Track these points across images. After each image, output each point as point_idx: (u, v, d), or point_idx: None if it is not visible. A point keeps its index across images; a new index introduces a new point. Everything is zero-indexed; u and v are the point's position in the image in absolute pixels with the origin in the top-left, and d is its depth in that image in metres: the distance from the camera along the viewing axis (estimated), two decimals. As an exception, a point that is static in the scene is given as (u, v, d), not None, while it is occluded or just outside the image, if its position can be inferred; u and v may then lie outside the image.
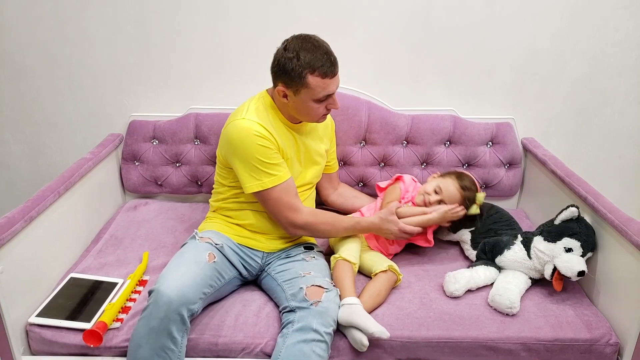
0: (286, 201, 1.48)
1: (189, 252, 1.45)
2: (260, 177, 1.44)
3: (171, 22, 1.94)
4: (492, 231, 1.74)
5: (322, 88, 1.42)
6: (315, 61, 1.39)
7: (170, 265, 1.40)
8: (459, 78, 2.02)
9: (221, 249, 1.49)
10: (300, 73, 1.39)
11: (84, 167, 1.74)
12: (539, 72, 2.01)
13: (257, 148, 1.42)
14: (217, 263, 1.44)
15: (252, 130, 1.42)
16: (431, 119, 1.98)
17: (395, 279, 1.55)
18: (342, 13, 1.93)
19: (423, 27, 1.94)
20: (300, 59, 1.39)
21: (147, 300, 1.30)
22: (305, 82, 1.41)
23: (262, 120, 1.46)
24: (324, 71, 1.40)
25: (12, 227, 1.34)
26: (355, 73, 1.98)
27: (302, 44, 1.41)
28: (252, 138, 1.42)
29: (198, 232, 1.55)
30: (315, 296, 1.36)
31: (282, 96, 1.46)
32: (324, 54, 1.41)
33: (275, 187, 1.46)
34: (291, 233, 1.56)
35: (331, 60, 1.42)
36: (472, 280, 1.56)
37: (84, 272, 1.61)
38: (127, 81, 2.03)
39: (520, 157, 2.04)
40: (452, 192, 1.68)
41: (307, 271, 1.47)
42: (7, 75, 2.03)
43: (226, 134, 1.48)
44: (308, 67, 1.39)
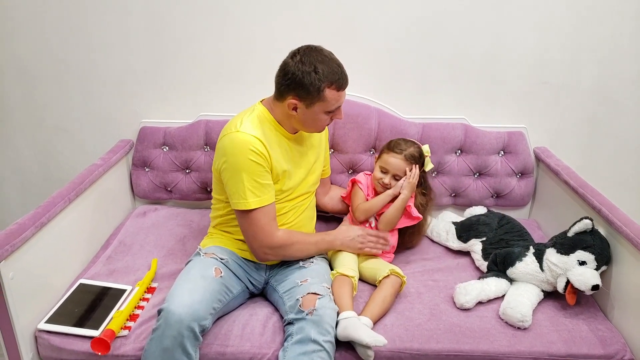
0: (264, 224, 1.44)
1: (195, 268, 1.44)
2: (246, 195, 1.40)
3: (181, 28, 1.94)
4: (503, 242, 1.73)
5: (336, 100, 1.43)
6: (333, 75, 1.40)
7: (178, 283, 1.39)
8: (470, 86, 2.00)
9: (227, 263, 1.48)
10: (318, 87, 1.39)
11: (94, 173, 1.74)
12: (550, 80, 1.99)
13: (249, 164, 1.39)
14: (224, 278, 1.43)
15: (248, 144, 1.39)
16: (442, 127, 1.97)
17: (399, 283, 1.54)
18: (352, 20, 1.92)
19: (434, 35, 1.93)
20: (318, 73, 1.38)
21: (157, 320, 1.29)
22: (322, 96, 1.40)
23: (258, 133, 1.43)
24: (340, 84, 1.42)
25: (23, 233, 1.34)
26: (365, 80, 1.97)
27: (317, 56, 1.40)
28: (247, 153, 1.39)
29: (202, 248, 1.55)
30: (309, 304, 1.36)
31: (292, 109, 1.44)
32: (337, 66, 1.42)
33: (258, 209, 1.43)
34: (260, 258, 1.50)
35: (344, 72, 1.44)
36: (483, 292, 1.54)
37: (93, 278, 1.61)
38: (137, 87, 2.04)
39: (532, 166, 2.01)
40: (396, 162, 1.67)
41: (304, 278, 1.47)
42: (19, 81, 2.05)
43: (221, 146, 1.44)
44: (326, 80, 1.39)
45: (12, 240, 1.29)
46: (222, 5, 1.91)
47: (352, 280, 1.52)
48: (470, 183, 2.02)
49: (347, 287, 1.50)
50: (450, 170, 2.00)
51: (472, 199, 2.04)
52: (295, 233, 1.56)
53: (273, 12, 1.91)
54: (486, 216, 1.88)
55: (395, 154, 1.68)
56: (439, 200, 2.04)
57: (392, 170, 1.68)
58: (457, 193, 2.05)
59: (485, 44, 1.94)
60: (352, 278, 1.53)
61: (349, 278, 1.52)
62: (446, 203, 2.07)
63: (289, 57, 1.43)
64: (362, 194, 1.74)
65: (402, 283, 1.55)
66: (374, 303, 1.47)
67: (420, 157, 1.72)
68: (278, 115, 1.49)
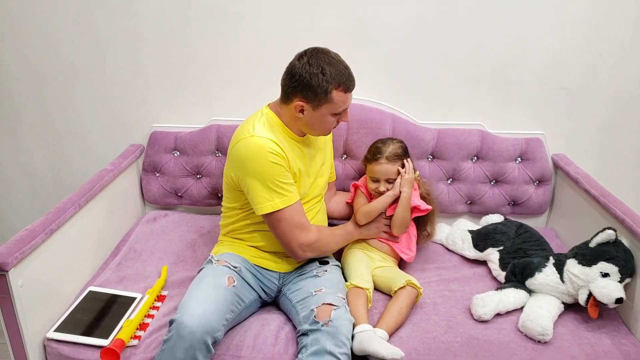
0: (297, 221, 1.44)
1: (208, 276, 1.41)
2: (272, 197, 1.40)
3: (194, 32, 1.92)
4: (521, 251, 1.68)
5: (343, 102, 1.43)
6: (340, 76, 1.39)
7: (190, 292, 1.35)
8: (487, 91, 1.96)
9: (239, 272, 1.45)
10: (326, 89, 1.38)
11: (104, 178, 1.72)
12: (569, 86, 1.95)
13: (270, 166, 1.38)
14: (236, 287, 1.40)
15: (265, 147, 1.38)
16: (458, 134, 1.93)
17: (415, 294, 1.51)
18: (366, 23, 1.89)
19: (450, 38, 1.90)
20: (326, 74, 1.37)
21: (168, 331, 1.26)
22: (330, 97, 1.40)
23: (272, 136, 1.42)
24: (347, 86, 1.42)
25: (33, 239, 1.32)
26: (379, 85, 1.94)
27: (324, 58, 1.40)
28: (265, 155, 1.37)
29: (214, 256, 1.51)
30: (325, 315, 1.33)
31: (299, 111, 1.43)
32: (344, 68, 1.42)
33: (287, 208, 1.41)
34: (299, 256, 1.49)
35: (351, 74, 1.44)
36: (502, 304, 1.50)
37: (102, 285, 1.59)
38: (148, 92, 2.02)
39: (550, 174, 1.97)
40: (382, 169, 1.65)
41: (318, 288, 1.44)
42: (30, 85, 2.04)
43: (236, 153, 1.42)
44: (334, 82, 1.38)
45: (22, 247, 1.27)
46: (235, 9, 1.89)
47: (366, 293, 1.49)
48: (487, 190, 1.98)
49: (362, 299, 1.47)
50: (466, 177, 1.96)
51: (488, 206, 2.00)
52: (320, 227, 1.56)
53: (286, 16, 1.89)
54: (503, 225, 1.83)
55: (378, 161, 1.66)
56: (454, 207, 2.00)
57: (382, 177, 1.66)
58: (472, 201, 2.01)
59: (503, 48, 1.90)
60: (367, 290, 1.50)
61: (364, 290, 1.49)
62: (461, 211, 2.02)
63: (296, 59, 1.43)
64: (363, 198, 1.72)
65: (418, 294, 1.51)
66: (390, 315, 1.44)
67: (405, 150, 1.70)
68: (285, 118, 1.48)
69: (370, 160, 1.69)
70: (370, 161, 1.69)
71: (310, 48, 1.43)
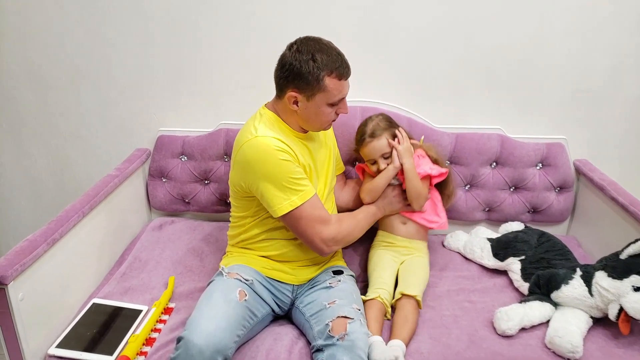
0: (317, 215, 1.38)
1: (218, 290, 1.33)
2: (288, 195, 1.34)
3: (201, 33, 1.86)
4: (544, 261, 1.61)
5: (338, 91, 1.36)
6: (332, 62, 1.33)
7: (199, 308, 1.28)
8: (507, 95, 1.89)
9: (251, 285, 1.38)
10: (317, 75, 1.32)
11: (109, 184, 1.66)
12: (593, 89, 1.87)
13: (280, 164, 1.32)
14: (248, 301, 1.33)
15: (271, 146, 1.32)
16: (477, 138, 1.85)
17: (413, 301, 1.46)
18: (382, 24, 1.82)
19: (468, 40, 1.83)
20: (316, 61, 1.32)
21: (175, 349, 1.19)
22: (322, 85, 1.33)
23: (276, 134, 1.37)
24: (341, 72, 1.35)
25: (34, 250, 1.26)
26: (394, 87, 1.88)
27: (315, 45, 1.34)
28: (274, 154, 1.32)
29: (225, 268, 1.43)
30: (340, 329, 1.26)
31: (293, 102, 1.37)
32: (337, 54, 1.36)
33: (305, 204, 1.35)
34: (325, 252, 1.44)
35: (345, 60, 1.37)
36: (526, 318, 1.42)
37: (106, 297, 1.52)
38: (155, 94, 1.96)
39: (572, 180, 1.89)
40: (371, 148, 1.59)
41: (332, 300, 1.37)
42: (33, 87, 1.98)
43: (242, 157, 1.36)
44: (326, 69, 1.32)
45: (22, 258, 1.21)
46: (245, 9, 1.82)
47: (382, 305, 1.45)
48: (506, 197, 1.90)
49: (376, 311, 1.43)
50: (484, 183, 1.89)
51: (507, 214, 1.92)
52: (341, 216, 1.50)
53: (298, 16, 1.82)
54: (524, 233, 1.76)
55: (365, 143, 1.60)
56: (472, 215, 1.93)
57: (376, 155, 1.60)
58: (491, 208, 1.93)
59: (523, 49, 1.83)
60: (383, 301, 1.45)
61: (380, 302, 1.45)
62: (479, 218, 1.95)
63: (287, 49, 1.38)
64: (370, 177, 1.66)
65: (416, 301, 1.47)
66: (397, 325, 1.41)
67: (389, 121, 1.63)
68: (283, 115, 1.43)
69: (358, 144, 1.64)
70: (358, 145, 1.64)
71: (300, 37, 1.38)
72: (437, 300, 1.56)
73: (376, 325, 1.39)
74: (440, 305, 1.53)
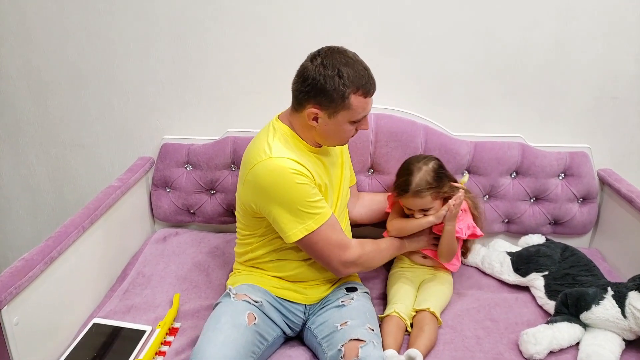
0: (335, 239, 1.30)
1: (225, 314, 1.24)
2: (303, 220, 1.24)
3: (208, 36, 1.78)
4: (569, 277, 1.53)
5: (362, 108, 1.27)
6: (359, 79, 1.23)
7: (206, 334, 1.20)
8: (528, 101, 1.80)
9: (261, 307, 1.30)
10: (343, 93, 1.22)
11: (111, 196, 1.57)
12: (618, 95, 1.78)
13: (297, 188, 1.23)
14: (258, 324, 1.25)
15: (287, 169, 1.22)
16: (496, 147, 1.77)
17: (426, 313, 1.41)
18: (397, 29, 1.74)
19: (487, 45, 1.74)
20: (342, 77, 1.21)
21: None
22: (347, 103, 1.24)
23: (292, 153, 1.26)
24: (367, 90, 1.26)
25: (30, 271, 1.17)
26: (410, 94, 1.80)
27: (341, 58, 1.23)
28: (289, 177, 1.22)
29: (232, 288, 1.35)
30: (352, 354, 1.19)
31: (312, 119, 1.27)
32: (364, 69, 1.26)
33: (322, 227, 1.26)
34: (343, 274, 1.37)
35: (371, 76, 1.27)
36: (555, 341, 1.34)
37: (108, 316, 1.44)
38: (159, 100, 1.88)
39: (596, 191, 1.80)
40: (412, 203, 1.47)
41: (344, 320, 1.29)
42: (33, 93, 1.90)
43: (254, 179, 1.26)
44: (352, 86, 1.22)
45: (17, 280, 1.12)
46: (254, 12, 1.74)
47: (401, 320, 1.39)
48: (526, 209, 1.82)
49: (394, 327, 1.37)
50: (504, 194, 1.80)
51: (527, 226, 1.83)
52: (364, 241, 1.41)
53: (310, 20, 1.74)
54: (547, 247, 1.67)
55: (406, 196, 1.47)
56: (490, 227, 1.84)
57: (415, 208, 1.49)
58: (510, 219, 1.84)
59: (546, 54, 1.74)
60: (400, 316, 1.40)
61: (397, 316, 1.39)
62: (498, 230, 1.86)
63: (308, 61, 1.27)
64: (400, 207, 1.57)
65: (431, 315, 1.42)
66: (412, 337, 1.36)
67: (438, 174, 1.48)
68: (299, 129, 1.33)
69: (397, 190, 1.50)
70: (399, 195, 1.50)
71: (324, 47, 1.28)
72: (457, 319, 1.48)
73: (392, 340, 1.34)
74: (460, 325, 1.45)
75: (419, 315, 1.42)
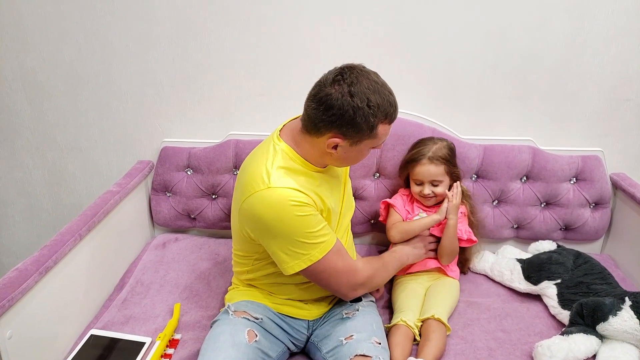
0: (342, 266, 1.21)
1: (224, 333, 1.17)
2: (307, 251, 1.15)
3: (209, 37, 1.73)
4: (583, 285, 1.48)
5: (385, 134, 1.19)
6: (387, 106, 1.13)
7: (204, 354, 1.13)
8: (538, 103, 1.75)
9: (261, 323, 1.24)
10: (372, 124, 1.12)
11: (109, 202, 1.52)
12: (632, 97, 1.73)
13: (298, 221, 1.13)
14: (259, 342, 1.19)
15: (287, 200, 1.11)
16: (506, 150, 1.72)
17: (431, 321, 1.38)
18: (403, 29, 1.69)
19: (497, 46, 1.69)
20: (372, 107, 1.10)
21: None
22: (375, 133, 1.14)
23: (292, 181, 1.15)
24: (393, 116, 1.17)
25: (25, 282, 1.12)
26: (418, 96, 1.75)
27: (368, 85, 1.11)
28: (290, 210, 1.11)
29: (231, 305, 1.28)
30: None
31: (332, 147, 1.16)
32: (389, 94, 1.15)
33: (327, 256, 1.17)
34: (351, 297, 1.30)
35: (395, 100, 1.17)
36: (571, 353, 1.29)
37: (106, 327, 1.38)
38: (159, 103, 1.83)
39: (609, 195, 1.75)
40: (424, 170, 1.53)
41: (349, 334, 1.23)
42: (29, 95, 1.85)
43: (250, 209, 1.14)
44: (380, 115, 1.12)
45: (10, 292, 1.07)
46: (257, 12, 1.69)
47: (408, 329, 1.36)
48: (537, 214, 1.77)
49: (401, 337, 1.34)
50: (514, 199, 1.75)
51: (537, 232, 1.78)
52: (369, 259, 1.36)
53: (315, 20, 1.69)
54: (558, 253, 1.62)
55: (420, 162, 1.54)
56: (499, 232, 1.79)
57: (426, 179, 1.54)
58: (520, 225, 1.79)
59: (557, 54, 1.69)
60: (407, 325, 1.36)
61: (404, 325, 1.36)
62: (507, 236, 1.81)
63: (331, 86, 1.11)
64: (397, 215, 1.59)
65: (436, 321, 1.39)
66: (420, 346, 1.33)
67: (451, 151, 1.58)
68: (307, 151, 1.20)
69: (410, 161, 1.56)
70: (410, 162, 1.56)
71: (345, 68, 1.14)
72: (467, 329, 1.43)
73: (400, 351, 1.30)
74: (471, 336, 1.40)
75: (425, 324, 1.38)
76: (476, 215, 1.64)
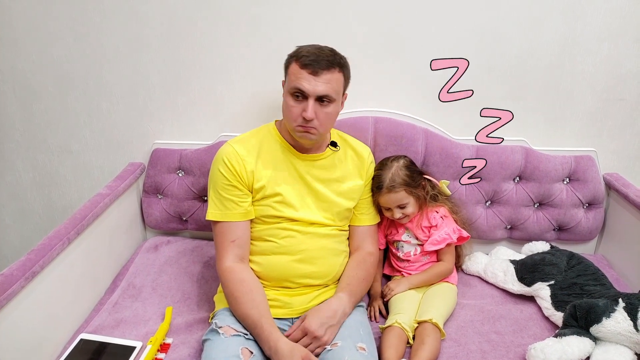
0: (220, 242, 1.34)
1: (219, 357, 1.14)
2: (216, 205, 1.34)
3: (200, 37, 1.71)
4: (576, 286, 1.47)
5: (295, 77, 1.27)
6: (303, 50, 1.29)
7: None
8: (531, 104, 1.75)
9: (251, 338, 1.23)
10: (288, 62, 1.32)
11: (99, 205, 1.51)
12: (626, 97, 1.73)
13: (216, 175, 1.34)
14: (256, 356, 1.17)
15: (224, 153, 1.34)
16: (499, 151, 1.71)
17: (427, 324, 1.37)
18: (398, 31, 1.68)
19: (490, 46, 1.68)
20: (293, 50, 1.32)
21: None
22: (287, 71, 1.32)
23: (245, 148, 1.35)
24: (304, 62, 1.26)
25: (10, 287, 1.11)
26: (410, 97, 1.74)
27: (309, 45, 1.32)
28: (218, 163, 1.34)
29: (217, 323, 1.25)
30: None
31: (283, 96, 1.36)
32: (317, 48, 1.29)
33: (218, 223, 1.34)
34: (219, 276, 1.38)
35: (322, 55, 1.27)
36: (565, 355, 1.27)
37: (96, 331, 1.37)
38: (150, 104, 1.81)
39: (602, 195, 1.75)
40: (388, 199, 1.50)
41: (333, 342, 1.22)
42: (18, 97, 1.83)
43: None
44: (295, 55, 1.30)
45: (-5, 298, 1.05)
46: (249, 13, 1.67)
47: (402, 331, 1.35)
48: (530, 214, 1.76)
49: (394, 339, 1.33)
50: (507, 199, 1.75)
51: (530, 232, 1.78)
52: (250, 283, 1.29)
53: (308, 21, 1.68)
54: (552, 254, 1.62)
55: (381, 193, 1.50)
56: (492, 233, 1.79)
57: (392, 205, 1.51)
58: (513, 226, 1.79)
59: (550, 54, 1.68)
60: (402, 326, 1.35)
61: (398, 327, 1.35)
62: (500, 237, 1.81)
63: None
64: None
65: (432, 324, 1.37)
66: (413, 350, 1.31)
67: (410, 170, 1.53)
68: (283, 126, 1.39)
69: (372, 190, 1.52)
70: (373, 191, 1.52)
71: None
72: (460, 331, 1.42)
73: (393, 352, 1.29)
74: (464, 338, 1.39)
75: (421, 327, 1.37)
76: (459, 213, 1.62)
